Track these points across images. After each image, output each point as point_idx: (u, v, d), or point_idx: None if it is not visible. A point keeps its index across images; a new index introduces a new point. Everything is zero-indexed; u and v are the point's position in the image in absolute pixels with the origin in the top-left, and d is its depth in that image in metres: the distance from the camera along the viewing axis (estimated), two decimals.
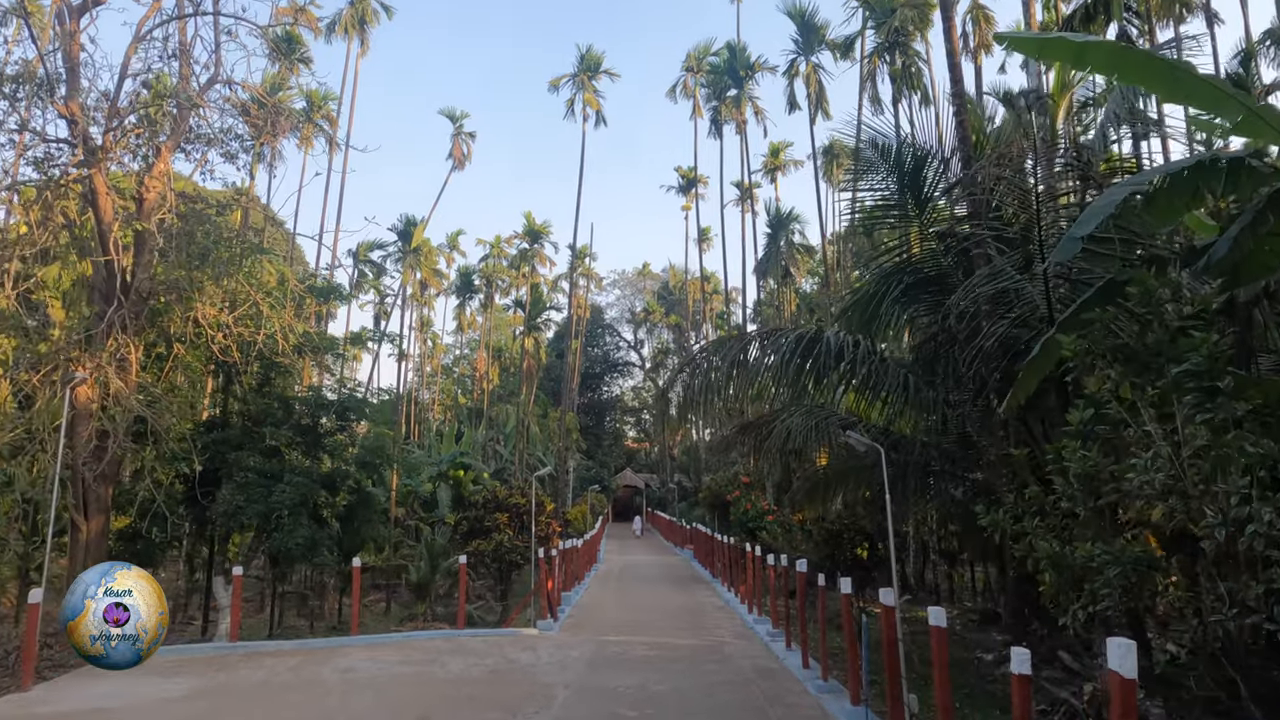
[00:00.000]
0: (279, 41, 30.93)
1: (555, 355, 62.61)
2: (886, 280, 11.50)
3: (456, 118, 51.42)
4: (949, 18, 10.30)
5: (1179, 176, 5.61)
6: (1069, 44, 7.25)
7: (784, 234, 45.09)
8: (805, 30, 37.75)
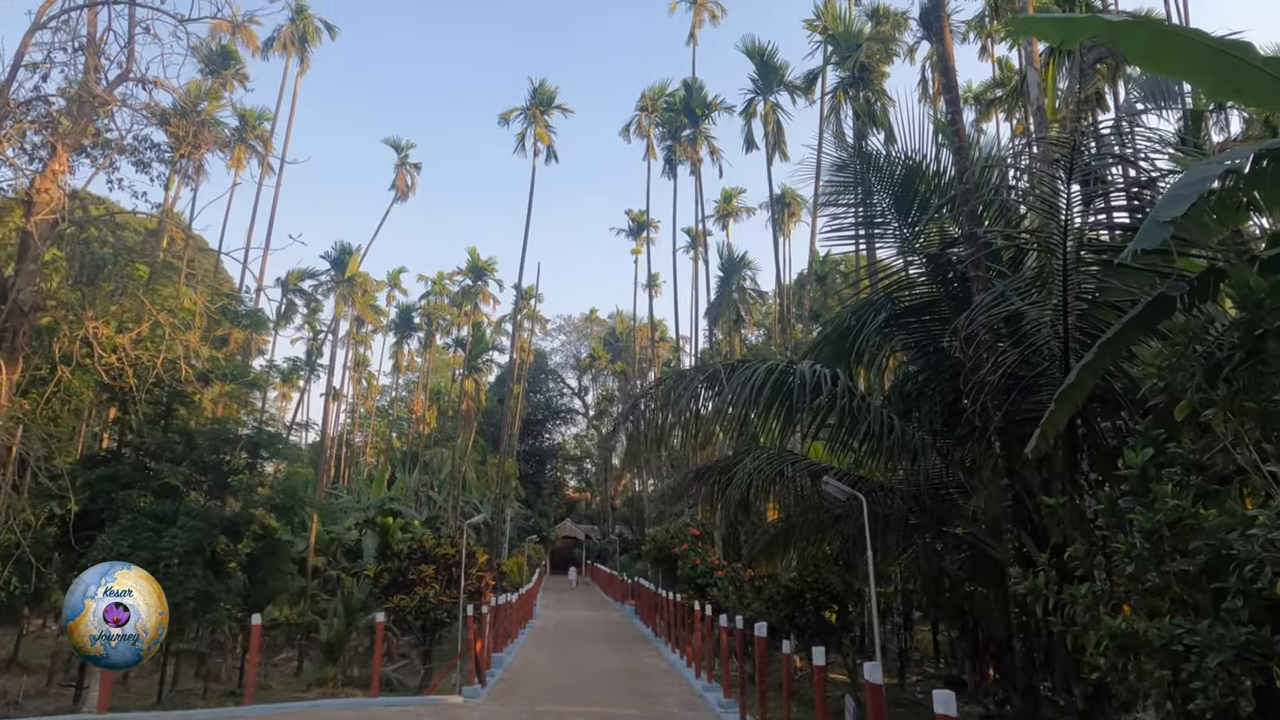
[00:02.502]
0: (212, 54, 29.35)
1: (496, 399, 60.54)
2: (865, 310, 10.36)
3: (402, 148, 49.98)
4: (941, 15, 9.39)
5: (1273, 158, 4.53)
6: (1097, 23, 6.25)
7: (736, 278, 44.49)
8: (764, 70, 37.64)
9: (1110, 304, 7.45)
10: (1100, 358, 5.74)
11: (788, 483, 11.43)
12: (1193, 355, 4.40)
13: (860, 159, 9.88)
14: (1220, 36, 5.84)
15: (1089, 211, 7.83)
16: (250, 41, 36.14)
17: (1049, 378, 7.98)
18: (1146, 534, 4.65)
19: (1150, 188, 8.21)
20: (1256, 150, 4.51)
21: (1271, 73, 5.77)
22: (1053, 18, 6.99)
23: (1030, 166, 8.97)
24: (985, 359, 7.85)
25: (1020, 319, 8.01)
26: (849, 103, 29.16)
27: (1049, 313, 7.80)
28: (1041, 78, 14.63)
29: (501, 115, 46.00)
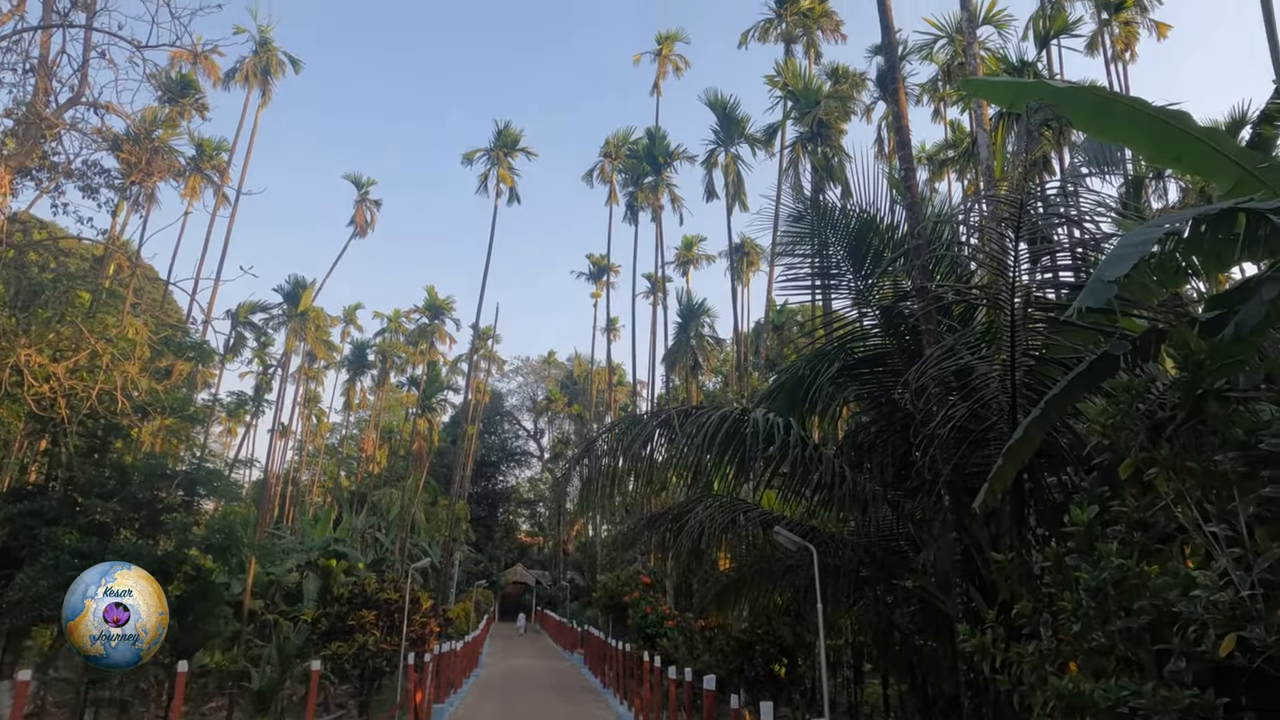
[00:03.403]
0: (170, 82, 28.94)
1: (449, 440, 59.55)
2: (819, 360, 10.40)
3: (362, 184, 49.71)
4: (896, 78, 9.64)
5: (1209, 222, 4.68)
6: (1045, 88, 6.48)
7: (694, 325, 44.79)
8: (726, 122, 38.41)
9: (1056, 361, 7.57)
10: (1047, 414, 5.79)
11: (740, 531, 11.31)
12: (1136, 414, 4.44)
13: (817, 211, 10.02)
14: (1160, 106, 6.07)
15: (1036, 270, 8.01)
16: (211, 72, 35.82)
17: (997, 432, 8.05)
18: (1092, 592, 4.65)
19: (1094, 249, 8.44)
20: (1195, 215, 4.65)
21: (1208, 142, 6.02)
22: (1003, 81, 7.24)
23: (980, 224, 9.19)
24: (935, 412, 7.90)
25: (970, 373, 8.10)
26: (807, 157, 29.88)
27: (997, 367, 7.90)
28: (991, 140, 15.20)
29: (465, 155, 46.14)
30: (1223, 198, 6.27)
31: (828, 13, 38.30)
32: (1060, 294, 8.28)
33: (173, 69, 32.01)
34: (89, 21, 15.27)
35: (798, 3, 37.82)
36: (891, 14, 9.76)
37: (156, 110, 28.67)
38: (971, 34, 13.52)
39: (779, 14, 38.20)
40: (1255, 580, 3.79)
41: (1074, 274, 8.51)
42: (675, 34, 46.42)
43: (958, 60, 30.33)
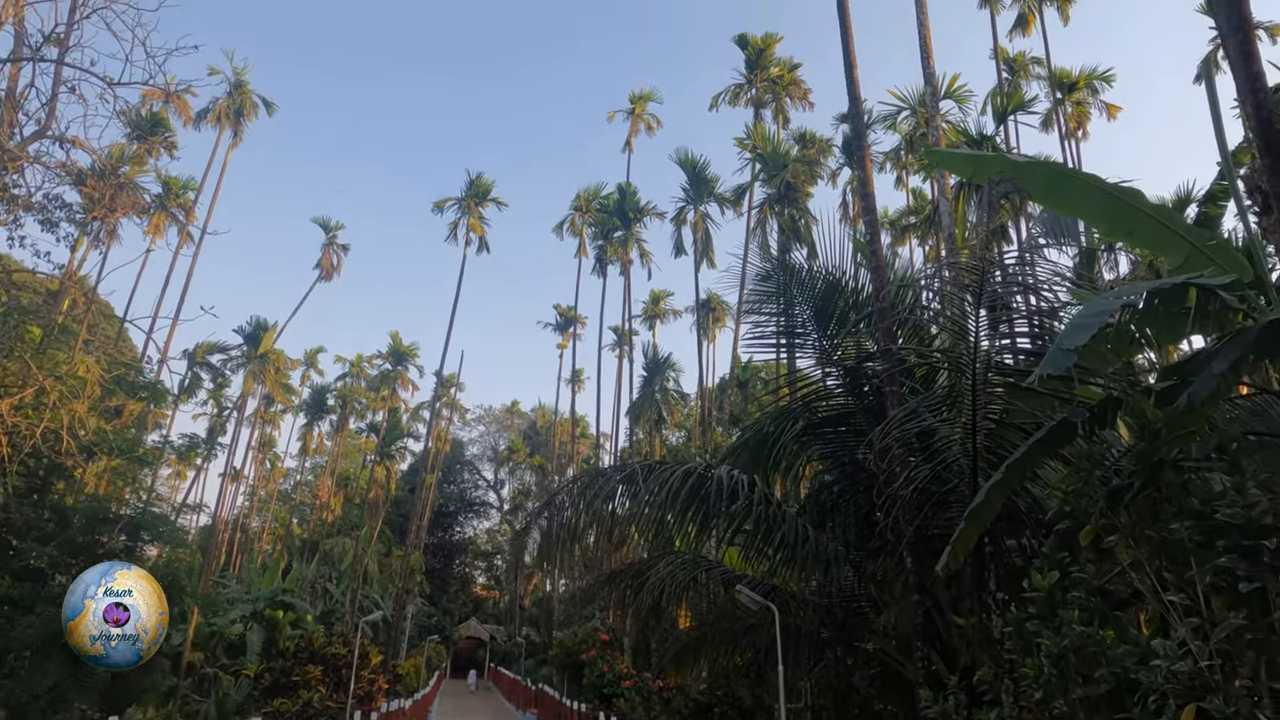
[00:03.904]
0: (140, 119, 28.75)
1: (407, 489, 58.39)
2: (784, 418, 10.45)
3: (330, 228, 49.53)
4: (862, 145, 9.93)
5: (1162, 296, 4.85)
6: (1005, 161, 6.72)
7: (659, 379, 44.87)
8: (695, 181, 39.18)
9: (1016, 425, 7.70)
10: (1008, 478, 5.86)
11: (701, 590, 11.19)
12: (1095, 481, 4.51)
13: (784, 271, 10.19)
14: (1113, 183, 6.31)
15: (995, 336, 8.19)
16: (183, 111, 35.72)
17: (958, 494, 8.12)
18: (1054, 659, 4.64)
19: (1051, 316, 8.68)
20: (1149, 289, 4.81)
21: (1159, 219, 6.25)
22: (965, 154, 7.49)
23: (942, 290, 9.41)
24: (898, 473, 7.95)
25: (932, 435, 8.19)
26: (775, 218, 30.55)
27: (959, 430, 8.00)
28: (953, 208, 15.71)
29: (436, 204, 46.31)
30: (1173, 272, 6.50)
31: (796, 81, 39.62)
32: (1019, 360, 8.47)
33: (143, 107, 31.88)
34: (61, 57, 15.18)
35: (767, 70, 39.08)
36: (859, 86, 10.10)
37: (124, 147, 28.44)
38: (934, 107, 14.05)
39: (749, 80, 39.41)
40: (1213, 650, 3.82)
41: (1031, 340, 8.72)
42: (648, 94, 47.55)
43: (920, 131, 31.46)
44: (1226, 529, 3.83)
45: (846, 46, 9.82)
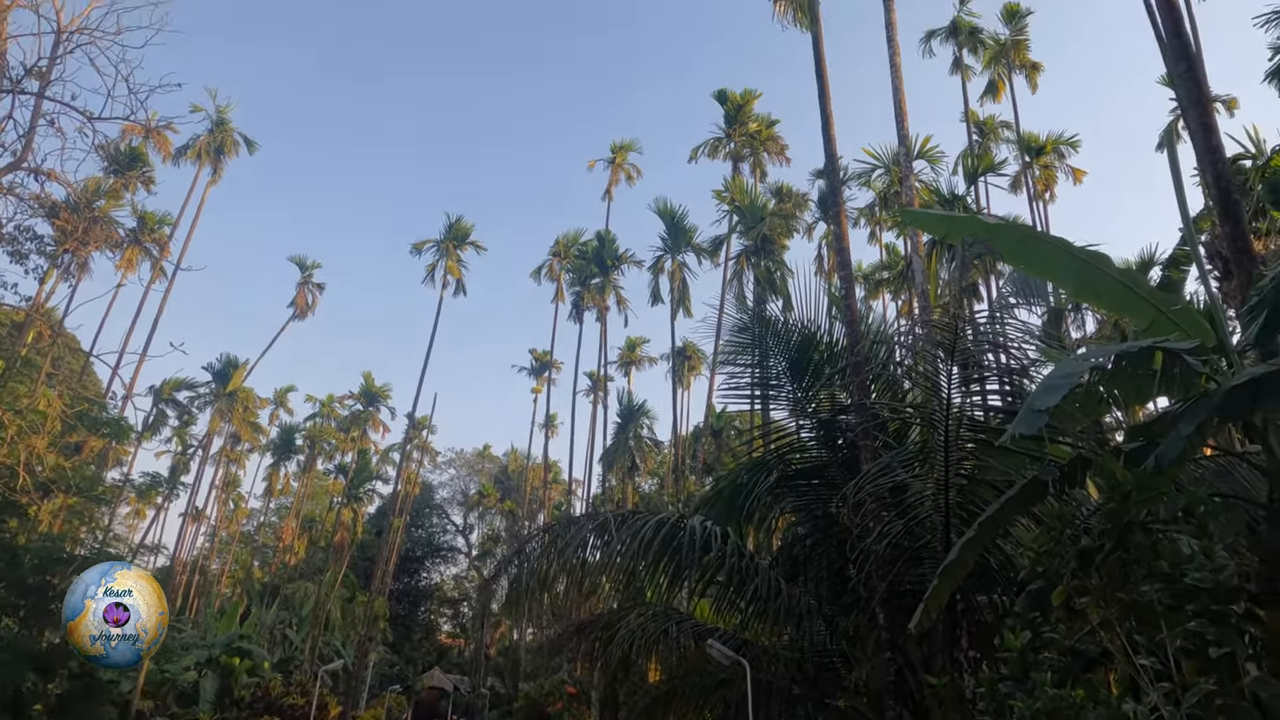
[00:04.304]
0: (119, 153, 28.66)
1: (374, 532, 57.26)
2: (758, 469, 10.44)
3: (307, 266, 49.39)
4: (838, 202, 10.14)
5: (1130, 359, 4.95)
6: (976, 223, 6.88)
7: (634, 426, 44.76)
8: (674, 230, 39.68)
9: (987, 481, 7.76)
10: (980, 536, 5.87)
11: (672, 642, 10.99)
12: (1066, 541, 4.54)
13: (759, 323, 10.27)
14: (1081, 246, 6.48)
15: (967, 393, 8.29)
16: (162, 147, 35.64)
17: (931, 550, 8.12)
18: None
19: (1021, 374, 8.82)
20: (1118, 352, 4.90)
21: (1125, 283, 6.41)
22: (938, 214, 7.67)
23: (915, 346, 9.54)
24: (871, 528, 7.95)
25: (905, 490, 8.22)
26: (751, 269, 31.00)
27: (931, 486, 8.04)
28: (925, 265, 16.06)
29: (415, 245, 46.42)
30: (1138, 334, 6.65)
31: (774, 136, 40.56)
32: (990, 416, 8.57)
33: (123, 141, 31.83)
34: (42, 90, 15.15)
35: (746, 125, 40.00)
36: (835, 144, 10.37)
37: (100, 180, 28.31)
38: (908, 166, 14.43)
39: (728, 134, 40.28)
40: (1185, 715, 3.82)
41: (1001, 398, 8.83)
42: (629, 144, 48.36)
43: (894, 189, 32.22)
44: (1196, 593, 3.86)
45: (824, 107, 10.09)
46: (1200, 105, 10.67)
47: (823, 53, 10.54)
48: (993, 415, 8.60)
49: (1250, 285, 9.93)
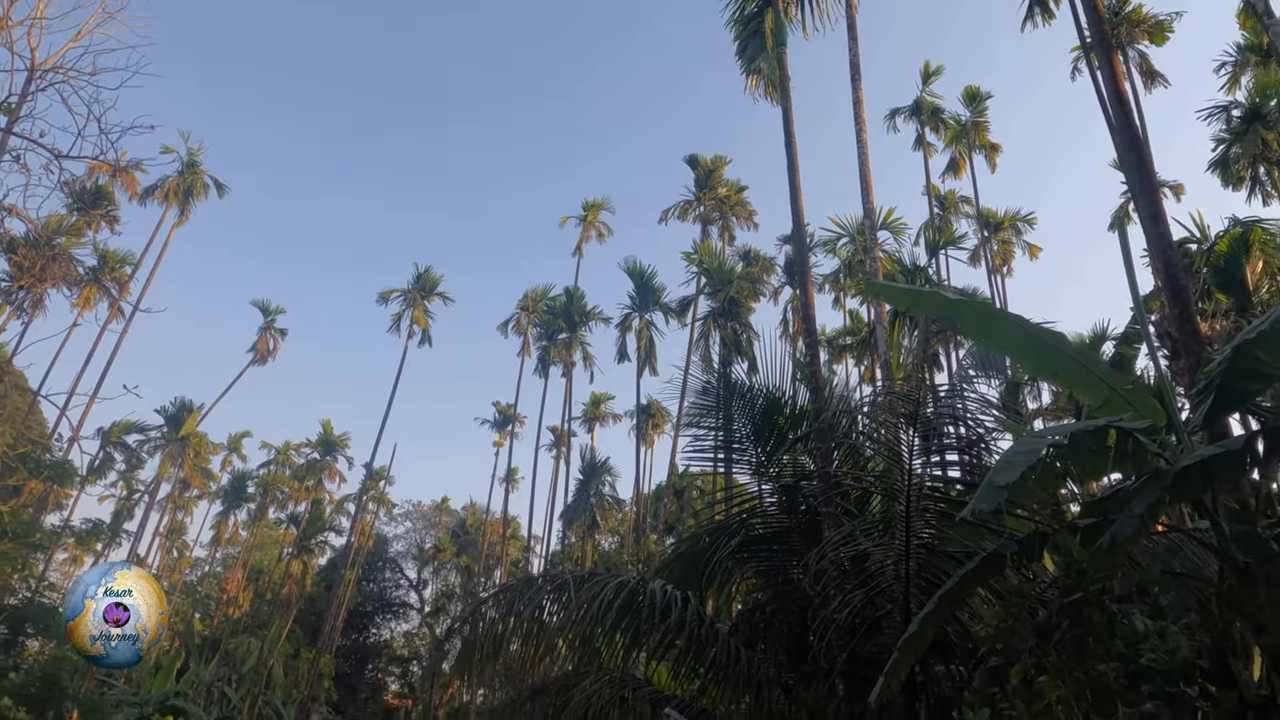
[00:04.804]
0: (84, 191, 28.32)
1: (324, 585, 55.51)
2: (720, 533, 10.38)
3: (270, 311, 48.78)
4: (805, 270, 10.36)
5: (1085, 437, 5.08)
6: (939, 299, 7.07)
7: (596, 483, 44.39)
8: (642, 289, 40.04)
9: (947, 553, 7.81)
10: (940, 609, 5.89)
11: (628, 709, 10.73)
12: (1024, 617, 4.58)
13: (724, 385, 10.34)
14: (1038, 325, 6.68)
15: (928, 463, 8.40)
16: (130, 186, 35.30)
17: (891, 620, 8.10)
18: None
19: (979, 444, 8.97)
20: (1074, 430, 5.04)
21: (1081, 361, 6.62)
22: (902, 288, 7.88)
23: (878, 415, 9.68)
24: (833, 596, 7.92)
25: (866, 559, 8.23)
26: (718, 330, 31.38)
27: (892, 555, 8.06)
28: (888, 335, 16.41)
29: (382, 294, 46.24)
30: (1092, 411, 6.84)
31: (742, 201, 41.52)
32: (950, 487, 8.67)
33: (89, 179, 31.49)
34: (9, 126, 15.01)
35: (715, 189, 40.93)
36: (803, 213, 10.65)
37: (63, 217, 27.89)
38: (872, 238, 14.84)
39: (698, 198, 41.15)
40: None
41: (961, 469, 8.96)
42: (600, 203, 49.05)
43: (858, 257, 33.07)
44: (1151, 673, 3.90)
45: (792, 180, 10.39)
46: (1149, 193, 11.20)
47: (793, 129, 10.93)
48: (953, 486, 8.70)
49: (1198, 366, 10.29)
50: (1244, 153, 29.07)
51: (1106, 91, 14.83)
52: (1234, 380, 5.41)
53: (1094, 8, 11.80)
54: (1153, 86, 28.67)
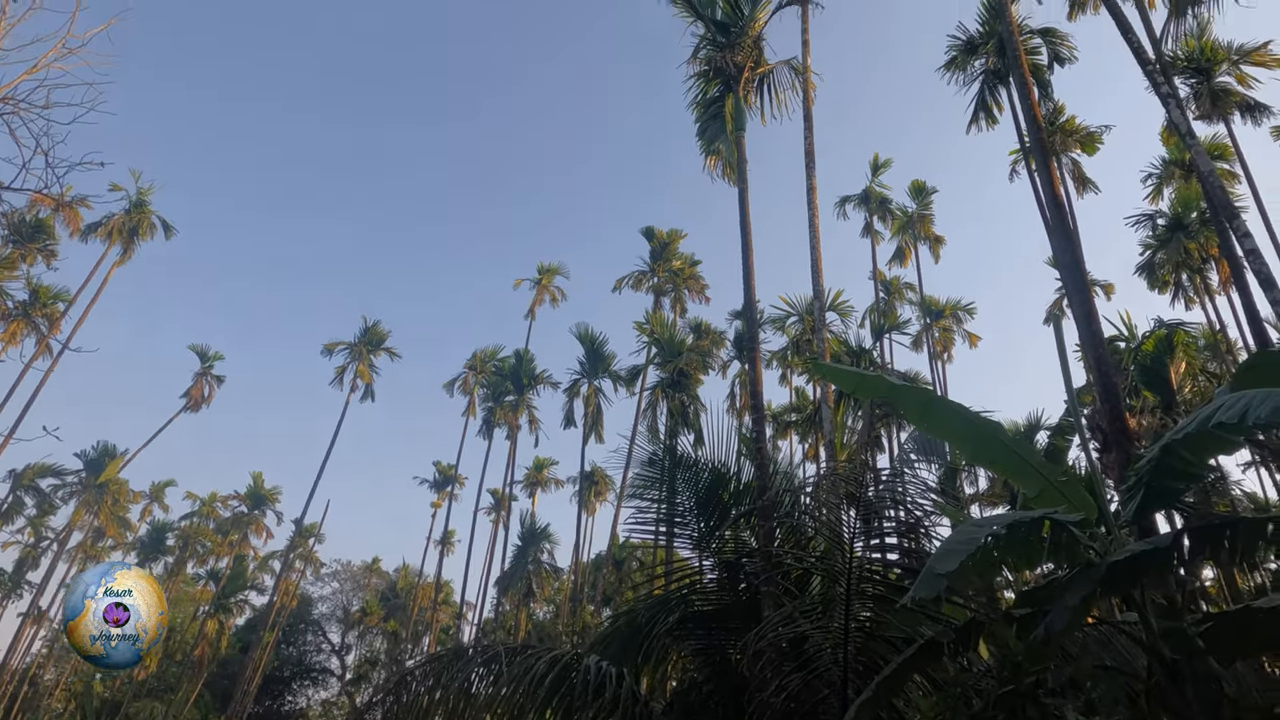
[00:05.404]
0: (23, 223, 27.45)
1: (239, 647, 52.64)
2: (658, 608, 10.19)
3: (209, 357, 47.32)
4: (754, 348, 10.51)
5: (1022, 528, 5.18)
6: (884, 384, 7.22)
7: (534, 550, 43.43)
8: (592, 356, 40.04)
9: (885, 638, 7.78)
10: (878, 696, 5.84)
11: None
12: (960, 708, 4.56)
13: (671, 458, 10.30)
14: (977, 413, 6.86)
15: (868, 546, 8.44)
16: (72, 221, 34.28)
17: (828, 705, 7.97)
18: None
19: (918, 527, 9.06)
20: (1011, 521, 5.14)
21: (1018, 451, 6.79)
22: (848, 371, 8.04)
23: (821, 494, 9.73)
24: (770, 679, 7.79)
25: (804, 641, 8.14)
26: (666, 401, 31.49)
27: (831, 638, 7.99)
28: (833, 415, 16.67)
29: (327, 346, 45.42)
30: (1028, 501, 7.00)
31: (695, 275, 42.28)
32: (889, 571, 8.70)
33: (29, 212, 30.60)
34: None
35: (670, 262, 41.65)
36: (755, 292, 10.86)
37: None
38: (821, 319, 15.20)
39: (653, 269, 41.79)
40: None
41: (900, 554, 9.02)
42: (556, 267, 49.37)
43: (806, 336, 33.76)
44: None
45: (746, 260, 10.63)
46: (1083, 292, 11.75)
47: (748, 211, 11.25)
48: (893, 569, 8.74)
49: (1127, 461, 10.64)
50: (1168, 259, 30.82)
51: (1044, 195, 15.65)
52: (1162, 478, 5.59)
53: (1034, 118, 12.54)
54: (1085, 192, 30.37)
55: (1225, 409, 4.53)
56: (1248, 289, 16.33)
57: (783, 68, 17.77)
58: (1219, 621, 5.80)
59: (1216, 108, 25.63)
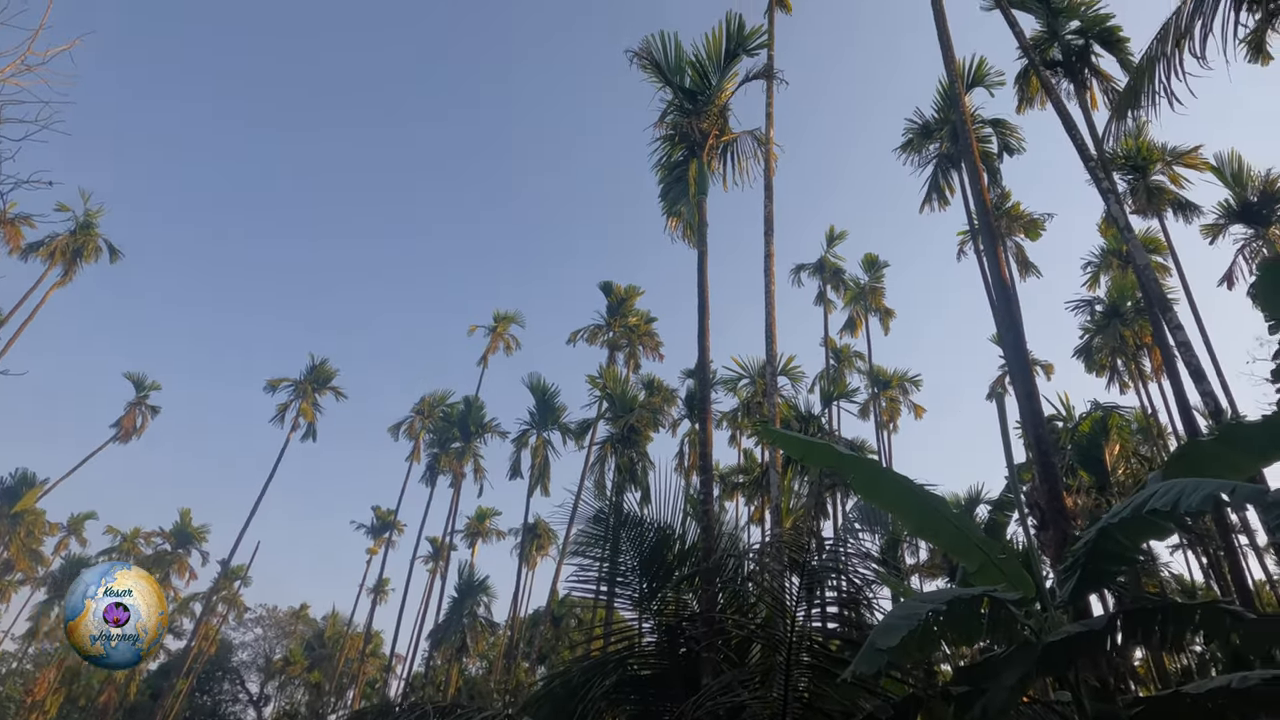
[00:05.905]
0: None
1: (149, 694, 49.75)
2: (595, 671, 9.93)
3: (145, 386, 45.67)
4: (706, 409, 10.54)
5: (962, 605, 5.21)
6: (832, 453, 7.29)
7: (471, 603, 42.21)
8: (543, 407, 39.70)
9: (824, 710, 7.69)
10: None
11: None
12: None
13: (615, 515, 10.17)
14: (922, 486, 6.96)
15: (810, 616, 8.39)
16: (12, 238, 33.21)
17: None
18: None
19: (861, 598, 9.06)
20: (952, 598, 5.17)
21: (959, 527, 6.88)
22: (797, 438, 8.10)
23: (765, 560, 9.70)
24: None
25: (742, 711, 8.00)
26: (615, 457, 31.31)
27: (769, 709, 7.87)
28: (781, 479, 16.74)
29: (270, 382, 44.26)
30: (969, 576, 7.07)
31: (651, 333, 42.53)
32: (830, 640, 8.65)
33: None
34: None
35: (626, 318, 41.87)
36: (709, 353, 10.95)
37: None
38: (773, 383, 15.36)
39: (609, 323, 41.93)
40: None
41: (840, 624, 8.99)
42: (511, 316, 49.16)
43: (757, 399, 34.06)
44: None
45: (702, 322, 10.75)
46: (1025, 372, 12.10)
47: (706, 274, 11.44)
48: (833, 639, 8.69)
49: (1064, 539, 10.84)
50: (1105, 344, 32.06)
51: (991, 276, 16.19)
52: (1098, 561, 5.70)
53: (983, 203, 13.07)
54: (1027, 275, 31.59)
55: (1159, 496, 4.66)
56: (1179, 377, 17.01)
57: (746, 137, 18.28)
58: (1149, 706, 5.87)
59: (1151, 204, 27.02)
